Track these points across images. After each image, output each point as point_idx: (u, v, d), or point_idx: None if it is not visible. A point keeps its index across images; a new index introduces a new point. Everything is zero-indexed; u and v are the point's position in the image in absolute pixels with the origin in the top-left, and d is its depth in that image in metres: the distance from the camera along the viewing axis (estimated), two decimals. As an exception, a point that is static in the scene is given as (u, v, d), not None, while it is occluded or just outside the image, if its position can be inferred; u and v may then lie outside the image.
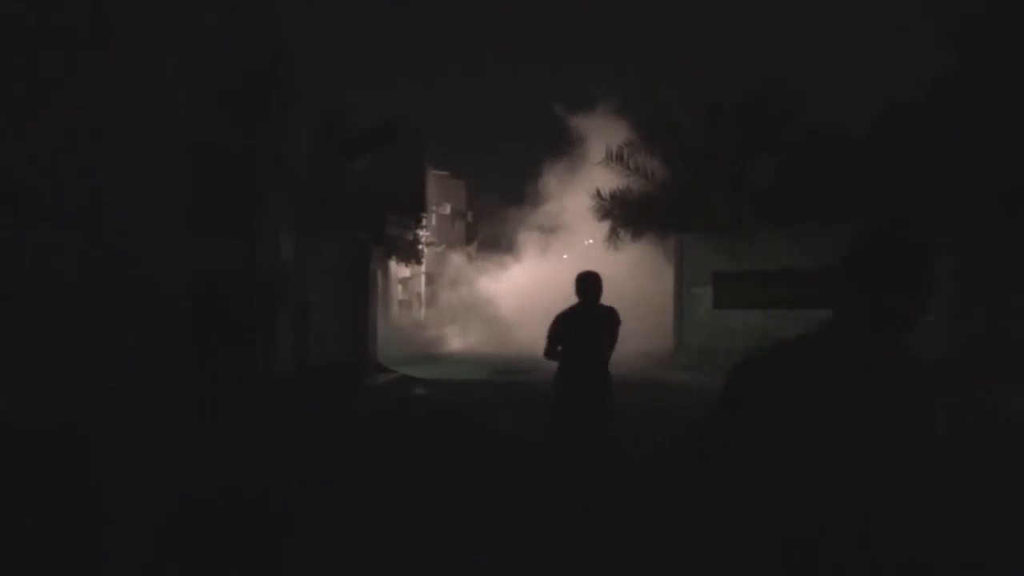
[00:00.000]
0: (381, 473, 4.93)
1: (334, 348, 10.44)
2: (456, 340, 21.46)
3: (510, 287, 22.34)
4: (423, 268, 22.45)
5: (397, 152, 11.73)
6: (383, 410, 8.69)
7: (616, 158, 15.05)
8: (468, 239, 27.66)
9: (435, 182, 24.00)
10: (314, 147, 9.37)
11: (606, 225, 15.87)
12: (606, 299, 4.64)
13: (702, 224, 13.85)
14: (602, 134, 16.47)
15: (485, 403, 9.24)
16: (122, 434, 5.07)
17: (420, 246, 18.25)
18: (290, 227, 8.54)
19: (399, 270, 20.66)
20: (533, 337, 19.47)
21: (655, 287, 16.21)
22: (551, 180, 21.20)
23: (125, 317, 5.84)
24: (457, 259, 25.08)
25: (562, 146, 20.16)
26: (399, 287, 22.70)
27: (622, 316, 4.62)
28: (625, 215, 15.27)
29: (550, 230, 22.36)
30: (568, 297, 4.73)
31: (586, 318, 4.52)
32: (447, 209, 25.90)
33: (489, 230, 26.45)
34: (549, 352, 4.59)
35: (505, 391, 10.66)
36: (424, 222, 18.04)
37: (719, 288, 13.82)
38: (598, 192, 15.32)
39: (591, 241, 19.69)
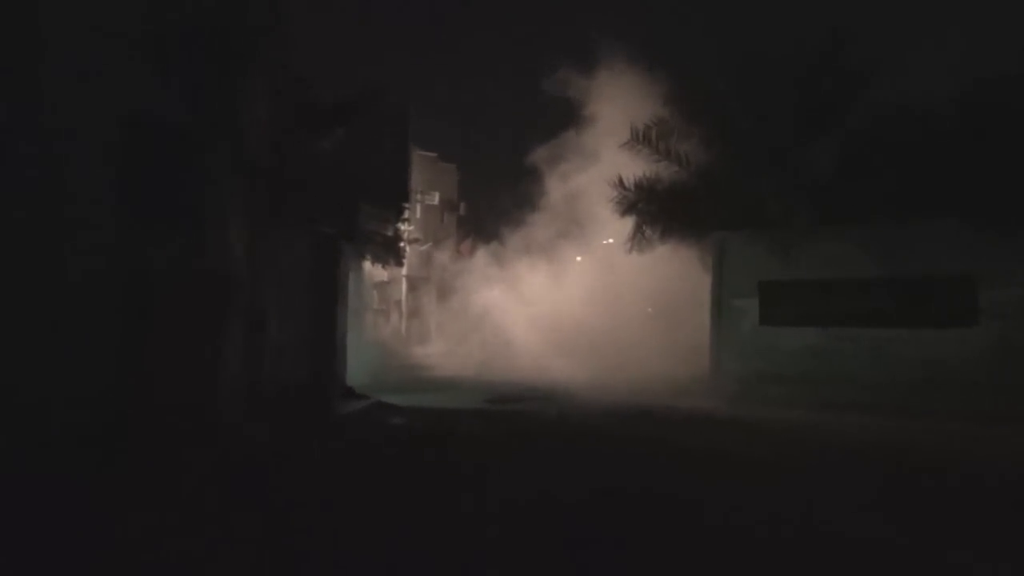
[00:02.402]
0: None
1: (294, 368, 10.45)
2: (444, 360, 21.51)
3: (512, 295, 22.41)
4: (404, 270, 22.50)
5: (375, 129, 11.77)
6: (348, 445, 8.65)
7: (643, 139, 15.03)
8: (460, 235, 27.74)
9: (421, 165, 24.03)
10: (274, 121, 9.40)
11: (629, 221, 15.88)
12: (627, 312, 4.48)
13: (747, 221, 13.82)
14: (625, 111, 16.52)
15: (475, 441, 9.20)
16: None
17: (401, 244, 18.28)
18: (242, 218, 8.55)
19: (375, 272, 20.70)
20: (539, 357, 19.50)
21: (688, 298, 16.17)
22: (562, 166, 21.27)
23: (30, 327, 5.83)
24: (446, 260, 25.18)
25: (576, 125, 20.27)
26: (374, 293, 22.74)
27: (647, 331, 4.22)
28: (653, 209, 15.26)
29: (560, 226, 22.46)
30: (587, 307, 4.64)
31: None
32: (435, 198, 25.92)
33: (485, 224, 26.54)
34: None
35: (500, 425, 10.61)
36: (407, 214, 18.08)
37: (768, 300, 13.78)
38: (620, 180, 15.30)
39: (611, 240, 19.75)
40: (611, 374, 16.37)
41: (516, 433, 9.87)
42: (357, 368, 13.66)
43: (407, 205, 17.01)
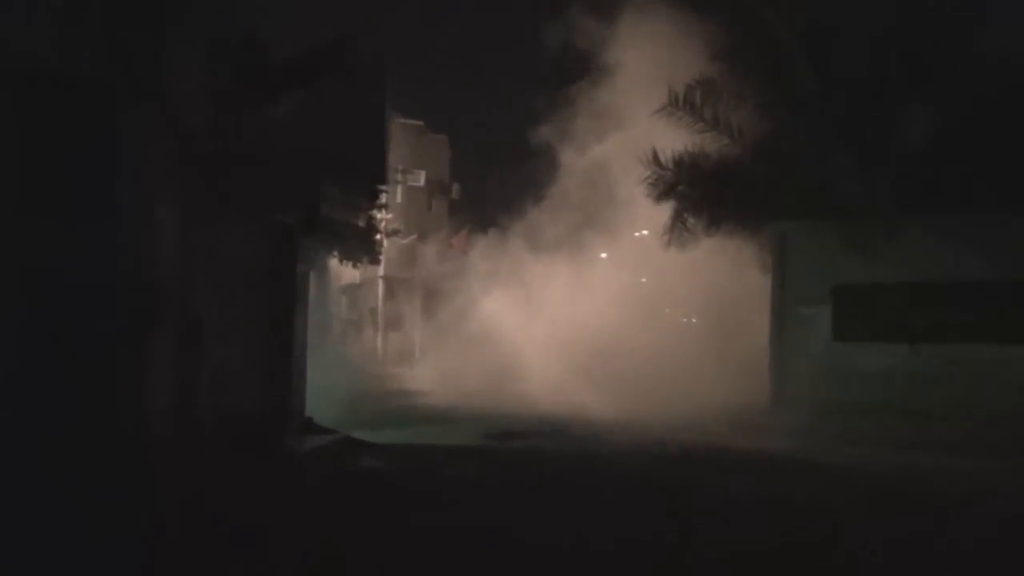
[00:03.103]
0: None
1: (238, 393, 10.40)
2: (433, 383, 21.54)
3: (519, 301, 22.42)
4: (381, 270, 22.43)
5: (344, 92, 11.70)
6: (304, 494, 8.56)
7: (683, 104, 15.07)
8: (453, 225, 27.74)
9: (403, 137, 23.97)
10: (215, 83, 9.37)
11: (667, 209, 15.86)
12: (665, 323, 4.33)
13: (817, 208, 13.84)
14: (661, 67, 16.45)
15: (471, 490, 9.10)
16: None
17: (378, 236, 18.25)
18: (173, 204, 8.49)
19: (344, 273, 20.71)
20: (554, 380, 19.52)
21: (742, 306, 16.09)
22: (580, 138, 21.22)
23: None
24: (435, 257, 25.14)
25: (597, 87, 20.17)
26: (343, 299, 22.71)
27: (691, 348, 4.02)
28: (697, 192, 15.28)
29: (579, 214, 22.44)
30: (614, 317, 4.44)
31: None
32: (420, 179, 25.81)
33: (484, 211, 26.51)
34: None
35: (505, 469, 10.54)
36: (384, 199, 18.04)
37: (843, 309, 13.76)
38: (655, 156, 15.33)
39: (645, 232, 19.69)
40: (645, 402, 16.32)
41: (526, 481, 9.74)
42: (320, 394, 13.64)
43: (384, 188, 16.93)
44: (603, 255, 23.23)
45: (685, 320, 22.39)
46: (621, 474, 10.11)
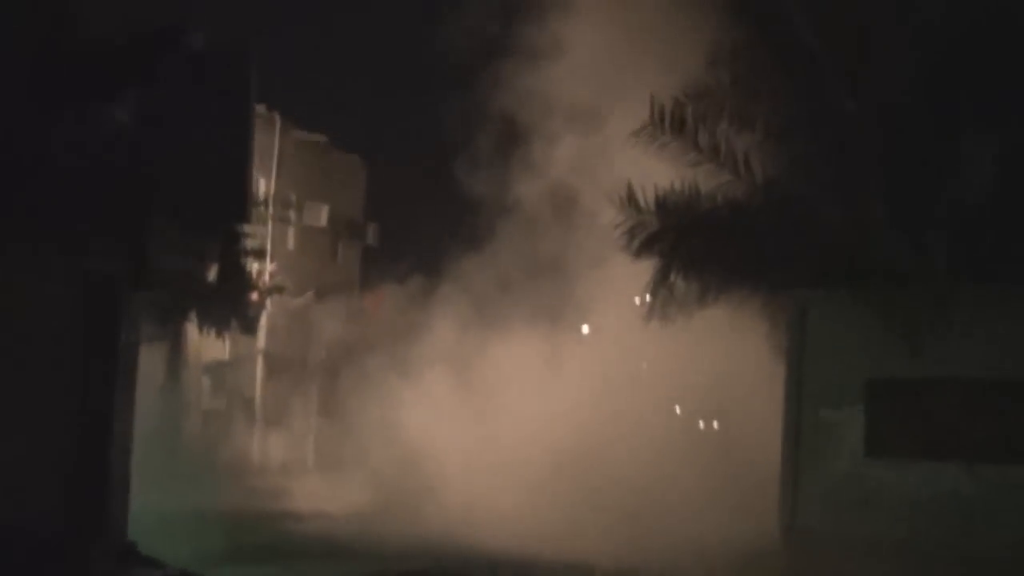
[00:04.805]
0: None
1: (24, 505, 10.32)
2: (326, 498, 21.52)
3: (461, 394, 22.47)
4: (261, 342, 22.26)
5: (193, 88, 11.79)
6: None
7: (671, 125, 15.18)
8: (369, 281, 27.69)
9: (299, 158, 23.92)
10: (7, 72, 9.48)
11: (648, 269, 16.03)
12: (662, 424, 4.38)
13: (848, 273, 13.91)
14: (644, 72, 16.66)
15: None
16: None
17: (254, 295, 18.25)
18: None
19: (205, 347, 20.72)
20: (502, 504, 19.47)
21: (746, 406, 16.15)
22: (537, 163, 21.47)
23: None
24: (341, 324, 24.99)
25: (563, 98, 20.42)
26: (205, 382, 22.52)
27: (702, 458, 3.73)
28: (688, 246, 15.40)
29: (548, 271, 22.64)
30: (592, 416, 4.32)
31: None
32: (321, 216, 25.62)
33: (415, 262, 26.58)
34: None
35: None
36: (265, 243, 18.01)
37: (879, 413, 13.87)
38: (630, 194, 15.43)
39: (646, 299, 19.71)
40: (622, 535, 16.38)
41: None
42: (160, 514, 13.57)
43: (244, 229, 16.53)
44: (584, 328, 23.32)
45: (703, 424, 22.35)
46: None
